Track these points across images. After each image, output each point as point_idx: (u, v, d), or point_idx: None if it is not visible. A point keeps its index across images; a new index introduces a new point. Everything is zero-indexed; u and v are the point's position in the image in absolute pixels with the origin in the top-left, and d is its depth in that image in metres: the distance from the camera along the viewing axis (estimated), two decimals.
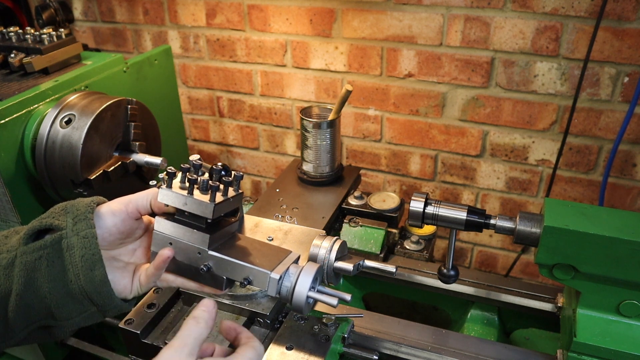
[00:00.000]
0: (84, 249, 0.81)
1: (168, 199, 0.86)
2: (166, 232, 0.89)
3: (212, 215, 0.84)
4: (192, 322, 0.79)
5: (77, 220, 0.82)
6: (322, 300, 0.92)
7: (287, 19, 2.02)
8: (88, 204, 0.85)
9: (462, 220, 1.05)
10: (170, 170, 0.86)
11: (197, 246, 0.88)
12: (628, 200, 1.84)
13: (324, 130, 1.50)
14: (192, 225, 0.88)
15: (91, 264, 0.82)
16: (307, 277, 0.91)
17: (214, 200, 0.84)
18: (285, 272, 0.90)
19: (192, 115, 2.46)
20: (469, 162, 2.02)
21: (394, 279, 1.39)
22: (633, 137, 1.73)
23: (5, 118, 1.30)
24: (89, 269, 0.82)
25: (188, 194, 0.85)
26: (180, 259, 0.90)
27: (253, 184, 2.54)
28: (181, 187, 0.86)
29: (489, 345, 1.14)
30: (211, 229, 0.88)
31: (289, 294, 0.90)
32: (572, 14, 1.64)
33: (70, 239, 0.81)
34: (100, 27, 2.43)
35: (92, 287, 0.83)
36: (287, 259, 0.93)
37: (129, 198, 0.89)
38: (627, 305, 0.98)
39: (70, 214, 0.83)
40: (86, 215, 0.83)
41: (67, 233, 0.81)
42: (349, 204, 1.50)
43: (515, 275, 2.16)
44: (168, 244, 0.89)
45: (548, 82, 1.76)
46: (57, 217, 0.83)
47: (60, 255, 0.81)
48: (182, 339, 0.76)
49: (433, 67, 1.89)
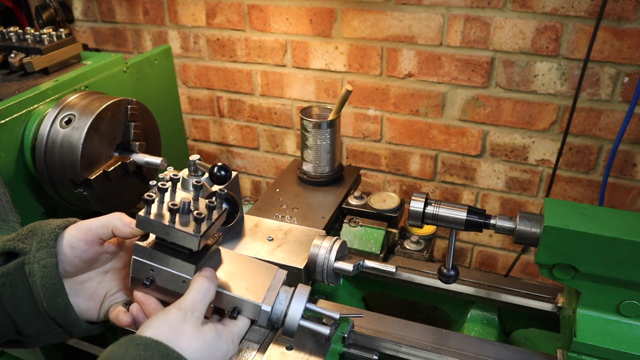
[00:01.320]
0: (44, 278, 0.81)
1: (148, 228, 0.81)
2: (146, 260, 0.83)
3: (198, 247, 0.80)
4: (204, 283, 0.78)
5: (40, 247, 0.82)
6: (315, 329, 0.90)
7: (287, 19, 2.02)
8: (53, 230, 0.83)
9: (462, 220, 1.05)
10: (148, 196, 0.79)
11: (181, 275, 0.83)
12: (628, 200, 1.84)
13: (324, 130, 1.50)
14: (175, 252, 0.83)
15: (53, 292, 0.82)
16: (299, 305, 0.88)
17: (199, 231, 0.79)
18: (276, 299, 0.86)
19: (192, 115, 2.46)
20: (469, 162, 2.02)
21: (394, 279, 1.39)
22: (633, 137, 1.73)
23: (5, 118, 1.30)
24: (51, 297, 0.82)
25: (170, 223, 0.79)
26: (163, 285, 0.85)
27: (253, 184, 2.54)
28: (159, 212, 0.80)
29: (489, 345, 1.14)
30: (196, 257, 0.83)
31: (280, 320, 0.87)
32: (572, 14, 1.64)
33: (32, 265, 0.81)
34: (100, 27, 2.43)
35: (55, 313, 0.83)
36: (276, 280, 0.89)
37: (89, 225, 0.84)
38: (627, 305, 0.98)
39: (36, 237, 0.83)
40: (48, 243, 0.81)
41: (30, 259, 0.81)
42: (349, 204, 1.50)
43: (515, 275, 2.16)
44: (150, 271, 0.84)
45: (548, 82, 1.76)
46: (22, 240, 0.83)
47: (24, 280, 0.81)
48: (193, 301, 0.76)
49: (433, 67, 1.89)
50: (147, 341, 0.70)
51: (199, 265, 0.83)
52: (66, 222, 0.86)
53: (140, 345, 0.69)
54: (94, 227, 0.84)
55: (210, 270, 0.83)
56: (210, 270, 0.83)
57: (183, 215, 0.81)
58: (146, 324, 0.73)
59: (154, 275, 0.84)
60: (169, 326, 0.73)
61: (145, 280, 0.84)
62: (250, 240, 1.21)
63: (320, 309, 0.93)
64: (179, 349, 0.71)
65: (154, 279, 0.84)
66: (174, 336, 0.72)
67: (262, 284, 0.87)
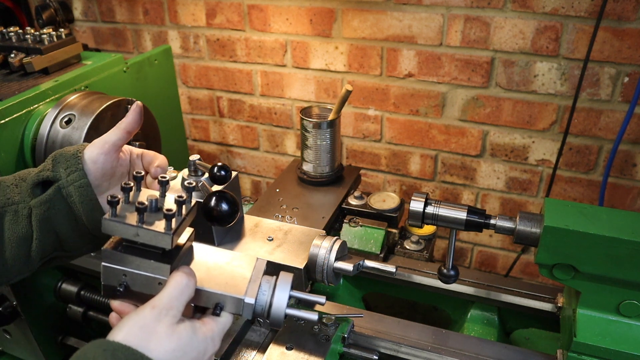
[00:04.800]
0: (81, 196, 0.90)
1: (115, 231, 0.77)
2: (117, 265, 0.79)
3: (171, 245, 0.76)
4: (181, 279, 0.76)
5: (70, 171, 0.90)
6: (302, 316, 0.87)
7: (287, 19, 2.02)
8: (75, 154, 0.91)
9: (462, 220, 1.05)
10: (112, 198, 0.77)
11: (157, 276, 0.79)
12: (628, 200, 1.84)
13: (324, 130, 1.50)
14: (147, 253, 0.79)
15: (90, 207, 0.91)
16: (283, 293, 0.84)
17: (170, 229, 0.75)
18: (258, 290, 0.83)
19: (192, 115, 2.46)
20: (469, 162, 2.02)
21: (394, 279, 1.39)
22: (633, 137, 1.73)
23: (5, 118, 1.30)
24: (89, 211, 0.91)
25: (138, 223, 0.76)
26: (138, 289, 0.80)
27: (253, 184, 2.54)
28: (124, 213, 0.77)
29: (489, 345, 1.14)
30: (170, 256, 0.79)
31: (265, 312, 0.84)
32: (572, 14, 1.64)
33: (67, 188, 0.90)
34: (100, 27, 2.43)
35: (94, 224, 0.92)
36: (256, 270, 0.85)
37: (103, 139, 0.93)
38: (627, 305, 0.98)
39: (62, 165, 0.91)
40: (77, 166, 0.90)
41: (63, 183, 0.90)
42: (349, 204, 1.50)
43: (515, 275, 2.16)
44: (122, 276, 0.80)
45: (548, 82, 1.76)
46: (50, 169, 0.91)
47: (63, 201, 0.91)
48: (168, 299, 0.74)
49: (433, 67, 1.89)
50: (115, 346, 0.68)
51: (174, 265, 0.80)
52: (82, 145, 0.94)
53: (107, 351, 0.67)
54: (108, 138, 0.93)
55: (188, 267, 0.79)
56: (188, 267, 0.79)
57: (151, 214, 0.78)
58: (118, 325, 0.71)
59: (127, 281, 0.80)
60: (140, 327, 0.71)
61: (118, 286, 0.80)
62: (250, 240, 1.21)
63: (305, 295, 0.90)
64: (149, 352, 0.69)
65: (128, 284, 0.80)
66: (145, 338, 0.70)
67: (242, 276, 0.83)
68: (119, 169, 0.96)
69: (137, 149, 1.02)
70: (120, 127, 0.94)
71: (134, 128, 0.96)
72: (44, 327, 1.53)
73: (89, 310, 1.56)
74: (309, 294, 0.91)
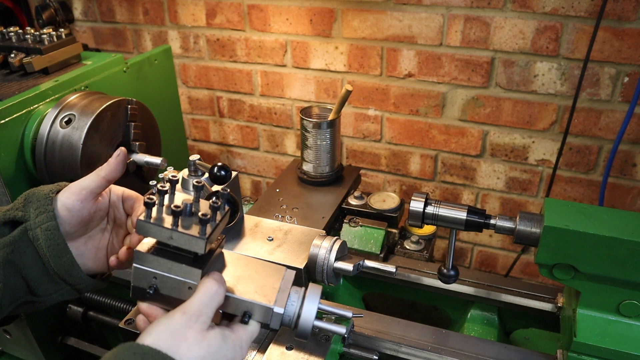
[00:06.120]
0: (48, 240, 0.85)
1: (149, 233, 0.77)
2: (148, 267, 0.79)
3: (205, 250, 0.76)
4: (212, 285, 0.75)
5: (39, 212, 0.85)
6: (330, 329, 0.87)
7: (287, 19, 2.02)
8: (47, 195, 0.86)
9: (462, 220, 1.05)
10: (149, 199, 0.77)
11: (187, 281, 0.79)
12: (628, 200, 1.84)
13: (324, 130, 1.50)
14: (179, 257, 0.79)
15: (58, 252, 0.86)
16: (312, 305, 0.84)
17: (205, 234, 0.75)
18: (287, 300, 0.83)
19: (192, 115, 2.46)
20: (469, 162, 2.02)
21: (393, 279, 1.39)
22: (633, 137, 1.73)
23: (5, 118, 1.30)
24: (57, 257, 0.86)
25: (173, 226, 0.76)
26: (167, 293, 0.80)
27: (253, 184, 2.54)
28: (159, 215, 0.77)
29: (489, 345, 1.14)
30: (202, 262, 0.79)
31: (293, 322, 0.84)
32: (572, 14, 1.64)
33: (34, 230, 0.85)
34: (100, 27, 2.43)
35: (62, 271, 0.87)
36: (285, 280, 0.85)
37: (80, 185, 0.87)
38: (627, 305, 0.98)
39: (32, 205, 0.86)
40: (46, 208, 0.85)
41: (31, 225, 0.85)
42: (349, 204, 1.50)
43: (515, 275, 2.16)
44: (152, 278, 0.80)
45: (548, 82, 1.76)
46: (20, 209, 0.87)
47: (29, 245, 0.85)
48: (199, 305, 0.73)
49: (433, 67, 1.89)
50: (145, 350, 0.68)
51: (205, 270, 0.79)
52: (57, 186, 0.89)
53: (137, 354, 0.67)
54: (85, 185, 0.87)
55: (218, 273, 0.80)
56: (218, 273, 0.80)
57: (186, 218, 0.78)
58: (147, 330, 0.72)
59: (157, 283, 0.80)
60: (170, 332, 0.71)
61: (148, 289, 0.80)
62: (250, 240, 1.21)
63: (333, 309, 0.90)
64: (179, 357, 0.69)
65: (158, 287, 0.80)
66: (175, 343, 0.70)
67: (271, 285, 0.84)
68: (97, 213, 0.91)
69: (118, 189, 0.95)
70: (99, 174, 0.88)
71: (115, 177, 0.90)
72: (44, 327, 1.53)
73: (89, 311, 1.56)
74: (337, 308, 0.91)
